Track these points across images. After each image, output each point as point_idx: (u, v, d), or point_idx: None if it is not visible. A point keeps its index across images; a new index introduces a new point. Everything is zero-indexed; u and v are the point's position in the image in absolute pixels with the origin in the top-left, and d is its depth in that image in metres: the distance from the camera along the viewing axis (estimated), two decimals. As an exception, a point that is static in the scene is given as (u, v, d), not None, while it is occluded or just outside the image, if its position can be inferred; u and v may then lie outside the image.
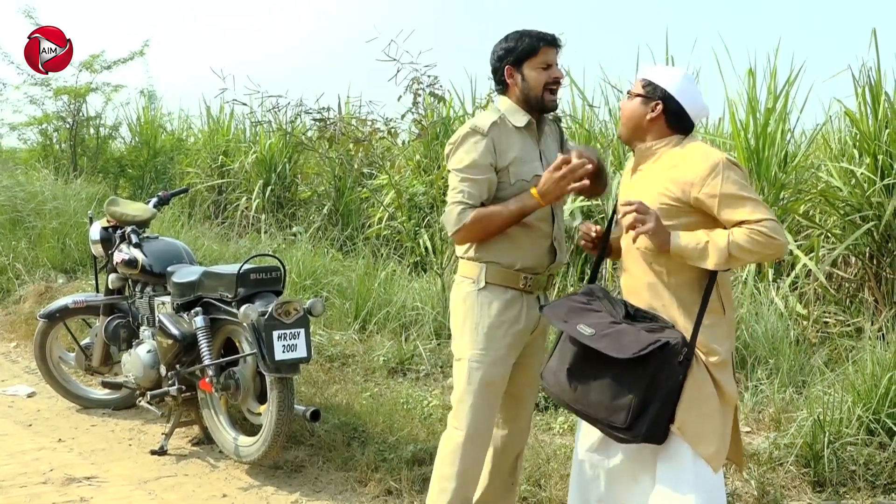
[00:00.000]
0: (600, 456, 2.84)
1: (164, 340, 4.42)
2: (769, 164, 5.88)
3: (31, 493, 3.94)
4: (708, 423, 2.61)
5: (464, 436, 3.00)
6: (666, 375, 2.56)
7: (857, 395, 3.97)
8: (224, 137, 10.97)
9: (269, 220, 8.97)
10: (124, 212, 4.99)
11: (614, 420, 2.58)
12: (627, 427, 2.56)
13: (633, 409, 2.55)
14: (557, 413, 4.59)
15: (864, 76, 5.74)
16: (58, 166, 11.09)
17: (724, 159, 2.61)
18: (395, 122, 8.01)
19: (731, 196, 2.56)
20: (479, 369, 2.99)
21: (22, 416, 5.09)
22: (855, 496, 3.60)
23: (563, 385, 2.72)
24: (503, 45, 3.04)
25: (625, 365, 2.54)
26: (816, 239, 5.61)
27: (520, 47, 3.00)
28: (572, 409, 2.78)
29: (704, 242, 2.56)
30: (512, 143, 3.01)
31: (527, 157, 3.03)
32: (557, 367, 2.75)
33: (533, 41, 2.99)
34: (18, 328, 6.87)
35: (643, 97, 2.74)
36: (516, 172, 2.99)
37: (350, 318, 5.98)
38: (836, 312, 5.47)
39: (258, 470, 4.20)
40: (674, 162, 2.67)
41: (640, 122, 2.75)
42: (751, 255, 2.56)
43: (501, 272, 3.00)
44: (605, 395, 2.60)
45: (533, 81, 3.00)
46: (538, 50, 2.99)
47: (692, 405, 2.60)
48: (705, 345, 2.63)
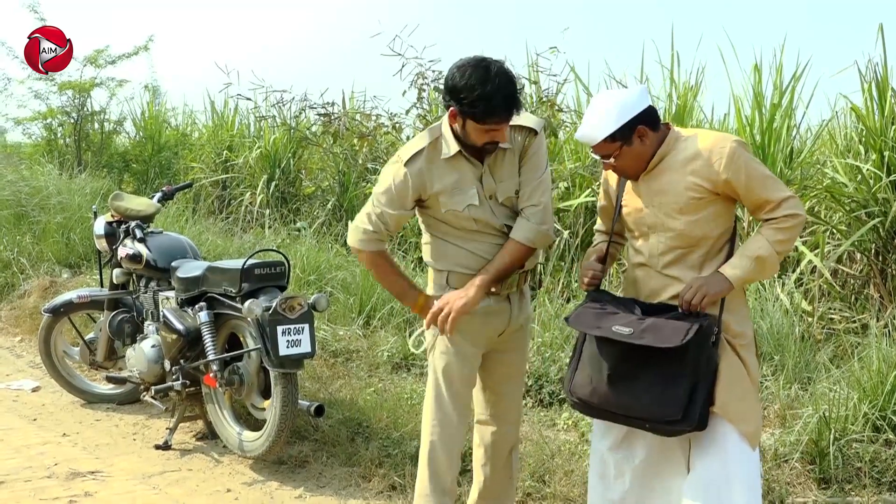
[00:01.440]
0: (623, 454, 2.83)
1: (168, 335, 4.42)
2: (775, 159, 5.86)
3: (35, 487, 3.95)
4: (744, 402, 2.66)
5: (430, 443, 3.03)
6: (706, 358, 2.60)
7: (862, 392, 3.96)
8: (228, 132, 10.95)
9: (273, 216, 8.95)
10: (128, 206, 4.99)
11: (668, 414, 2.58)
12: (682, 418, 2.57)
13: (686, 399, 2.56)
14: (562, 409, 4.58)
15: (871, 72, 5.71)
16: (62, 161, 11.09)
17: (737, 140, 2.65)
18: (399, 117, 8.03)
19: (754, 176, 2.61)
20: (445, 377, 3.01)
21: (26, 410, 5.10)
22: (860, 493, 3.59)
23: (603, 394, 2.71)
24: (457, 86, 2.78)
25: (668, 357, 2.56)
26: (822, 235, 5.59)
27: (469, 110, 2.78)
28: (615, 416, 2.76)
29: (754, 260, 2.61)
30: (442, 174, 2.91)
31: (460, 187, 2.91)
32: (594, 378, 2.74)
33: (484, 114, 2.76)
34: (23, 323, 6.88)
35: (623, 143, 2.68)
36: (446, 203, 2.91)
37: (354, 313, 5.97)
38: (842, 309, 5.45)
39: (262, 465, 4.20)
40: (686, 156, 2.67)
41: (644, 152, 2.72)
42: (791, 243, 2.67)
43: (464, 278, 2.96)
44: (654, 391, 2.60)
45: (472, 136, 2.85)
46: (485, 123, 2.79)
47: (728, 386, 2.63)
48: (731, 327, 2.68)
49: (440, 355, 3.02)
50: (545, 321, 5.31)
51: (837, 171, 5.93)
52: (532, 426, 4.37)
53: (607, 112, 2.66)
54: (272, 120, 9.63)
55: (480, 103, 2.75)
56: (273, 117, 9.57)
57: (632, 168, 2.75)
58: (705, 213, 2.67)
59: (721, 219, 2.70)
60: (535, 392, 4.72)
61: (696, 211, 2.66)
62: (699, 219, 2.67)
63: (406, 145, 2.99)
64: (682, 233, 2.69)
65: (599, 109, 2.68)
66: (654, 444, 2.78)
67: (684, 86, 6.81)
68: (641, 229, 2.80)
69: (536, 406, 4.68)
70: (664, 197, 2.70)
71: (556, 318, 5.30)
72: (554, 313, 5.39)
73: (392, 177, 2.92)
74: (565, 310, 5.43)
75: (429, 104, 7.57)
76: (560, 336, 5.09)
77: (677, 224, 2.69)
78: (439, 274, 3.03)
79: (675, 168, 2.69)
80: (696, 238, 2.69)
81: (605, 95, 2.76)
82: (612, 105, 2.66)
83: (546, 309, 5.48)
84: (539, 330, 5.19)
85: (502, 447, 3.21)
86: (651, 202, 2.74)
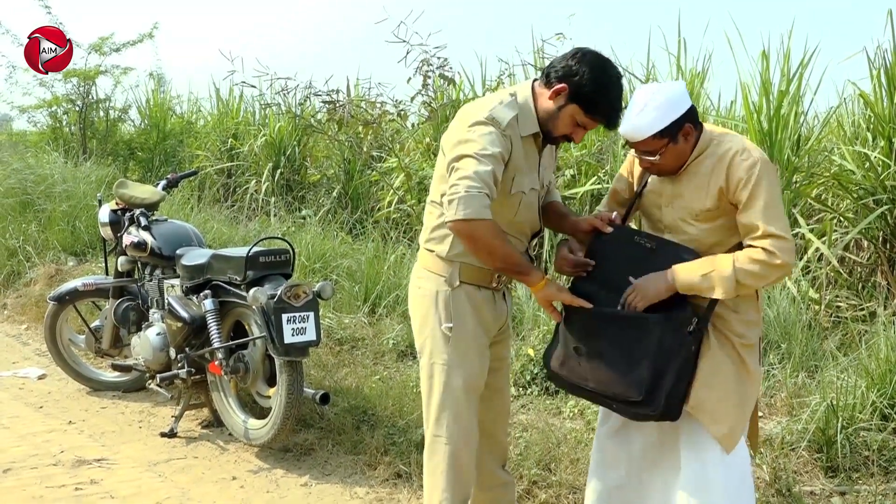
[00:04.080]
0: (620, 441, 2.83)
1: (173, 323, 4.42)
2: (782, 147, 5.82)
3: (41, 474, 3.96)
4: (723, 403, 2.60)
5: (450, 448, 2.83)
6: (677, 345, 2.55)
7: (870, 380, 3.94)
8: (233, 120, 10.95)
9: (278, 203, 8.95)
10: (133, 194, 4.98)
11: (629, 394, 2.56)
12: (644, 401, 2.54)
13: (648, 380, 2.52)
14: (567, 397, 4.57)
15: (880, 58, 5.66)
16: (67, 149, 11.09)
17: (763, 159, 2.56)
18: (404, 104, 8.01)
19: (758, 196, 2.51)
20: (459, 375, 2.82)
21: (33, 398, 5.10)
22: (868, 482, 3.57)
23: (572, 367, 2.71)
24: (589, 71, 2.67)
25: (635, 336, 2.55)
26: (829, 223, 5.56)
27: (590, 95, 2.67)
28: (583, 391, 2.76)
29: (709, 272, 2.52)
30: (518, 150, 2.73)
31: (528, 168, 2.80)
32: (565, 350, 2.74)
33: (601, 107, 2.70)
34: (29, 311, 6.89)
35: (670, 141, 2.59)
36: (518, 182, 2.75)
37: (359, 301, 5.97)
38: (849, 297, 5.42)
39: (268, 453, 4.20)
40: (714, 163, 2.60)
41: (686, 151, 2.64)
42: (757, 281, 2.52)
43: (476, 271, 2.81)
44: (618, 369, 2.58)
45: (562, 123, 2.73)
46: (594, 115, 2.71)
47: (707, 384, 2.59)
48: (733, 326, 2.63)
49: (460, 370, 2.83)
50: (551, 309, 5.29)
51: (845, 158, 5.89)
52: (538, 414, 4.37)
53: (657, 108, 2.55)
54: (277, 108, 9.61)
55: (604, 99, 2.69)
56: (278, 105, 9.54)
57: (671, 167, 2.66)
58: (720, 223, 2.62)
59: (735, 228, 2.62)
60: (542, 380, 4.71)
61: (711, 220, 2.62)
62: (714, 227, 2.63)
63: (489, 107, 2.70)
64: (695, 238, 2.65)
65: (647, 104, 2.56)
66: (651, 433, 2.76)
67: (691, 73, 6.77)
68: (658, 227, 2.76)
69: (542, 394, 4.67)
70: (684, 201, 2.65)
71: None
72: (560, 301, 5.37)
73: (489, 136, 2.63)
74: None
75: (434, 91, 7.54)
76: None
77: (692, 230, 2.65)
78: (450, 265, 2.82)
79: (702, 173, 2.63)
80: (709, 245, 2.64)
81: (651, 90, 2.62)
82: (661, 101, 2.55)
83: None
84: (545, 318, 5.18)
85: (501, 421, 3.14)
86: (671, 203, 2.70)
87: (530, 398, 4.62)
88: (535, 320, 5.26)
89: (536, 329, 5.10)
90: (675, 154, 2.62)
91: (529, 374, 4.74)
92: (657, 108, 2.55)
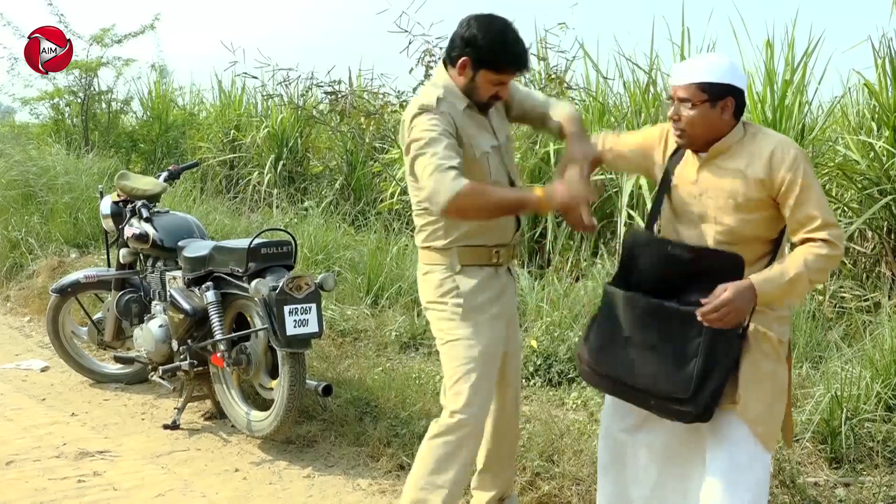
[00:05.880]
0: (643, 436, 2.77)
1: (175, 315, 4.41)
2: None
3: (44, 466, 3.95)
4: (762, 404, 2.58)
5: (464, 420, 2.84)
6: (726, 346, 2.52)
7: (875, 371, 3.92)
8: (235, 112, 10.94)
9: (280, 195, 8.94)
10: (135, 186, 4.97)
11: (676, 391, 2.52)
12: (690, 398, 2.50)
13: (696, 379, 2.49)
14: (570, 389, 4.56)
15: (885, 47, 5.65)
16: (69, 141, 11.10)
17: (801, 152, 2.56)
18: (406, 94, 7.97)
19: (810, 187, 2.52)
20: (476, 345, 2.88)
21: (35, 390, 5.11)
22: (872, 473, 3.56)
23: (613, 360, 2.67)
24: (477, 35, 2.82)
25: (687, 336, 2.52)
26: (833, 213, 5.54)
27: (488, 57, 2.81)
28: (620, 386, 2.70)
29: (790, 282, 2.49)
30: (462, 120, 2.87)
31: (480, 130, 2.93)
32: (609, 342, 2.69)
33: (502, 62, 2.83)
34: (31, 303, 6.90)
35: (709, 101, 2.57)
36: (478, 144, 2.88)
37: (362, 292, 5.96)
38: (853, 287, 5.40)
39: (270, 444, 4.20)
40: (751, 156, 2.58)
41: (717, 125, 2.60)
42: (824, 277, 2.62)
43: (473, 252, 2.93)
44: (666, 365, 2.55)
45: (481, 89, 2.87)
46: (501, 71, 2.84)
47: (749, 385, 2.56)
48: (774, 326, 2.60)
49: (476, 342, 2.88)
50: (554, 300, 5.29)
51: (850, 148, 5.87)
52: (541, 405, 4.36)
53: (718, 65, 2.58)
54: (279, 99, 9.59)
55: (500, 53, 2.82)
56: (280, 96, 9.52)
57: (693, 135, 2.62)
58: (760, 215, 2.58)
59: (774, 222, 2.60)
60: (545, 371, 4.70)
61: (750, 211, 2.57)
62: (753, 219, 2.58)
63: (418, 102, 2.86)
64: (733, 229, 2.60)
65: (711, 59, 2.63)
66: (677, 431, 2.71)
67: (695, 62, 6.74)
68: (689, 216, 2.69)
69: (545, 385, 4.66)
70: (722, 191, 2.60)
71: (564, 298, 5.28)
72: (563, 292, 5.36)
73: (428, 122, 2.77)
74: (573, 289, 5.41)
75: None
76: (569, 315, 5.06)
77: (730, 220, 2.60)
78: (446, 253, 2.93)
79: (737, 166, 2.59)
80: (746, 237, 2.60)
81: (722, 54, 2.72)
82: (725, 62, 2.60)
83: (555, 288, 5.45)
84: (548, 309, 5.17)
85: (510, 408, 3.19)
86: (707, 191, 2.64)
87: (533, 389, 4.61)
88: (538, 311, 5.25)
89: (539, 321, 5.09)
90: (703, 119, 2.58)
91: (532, 365, 4.73)
92: (719, 65, 2.59)
